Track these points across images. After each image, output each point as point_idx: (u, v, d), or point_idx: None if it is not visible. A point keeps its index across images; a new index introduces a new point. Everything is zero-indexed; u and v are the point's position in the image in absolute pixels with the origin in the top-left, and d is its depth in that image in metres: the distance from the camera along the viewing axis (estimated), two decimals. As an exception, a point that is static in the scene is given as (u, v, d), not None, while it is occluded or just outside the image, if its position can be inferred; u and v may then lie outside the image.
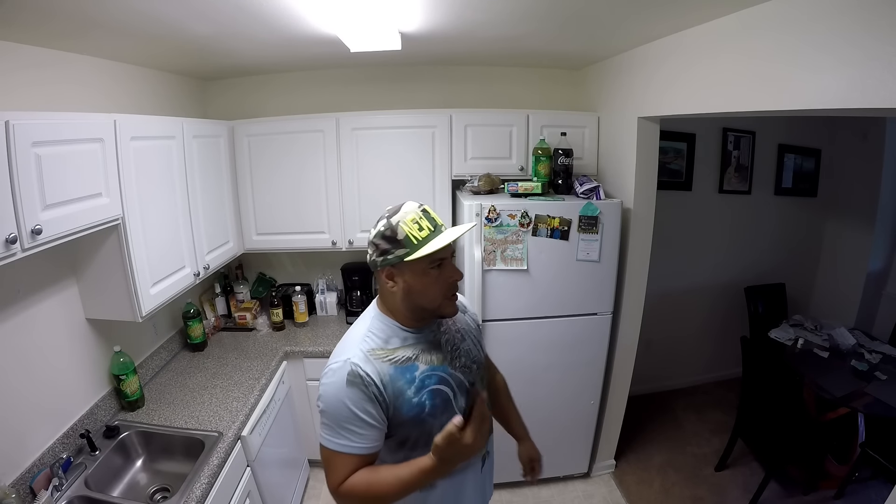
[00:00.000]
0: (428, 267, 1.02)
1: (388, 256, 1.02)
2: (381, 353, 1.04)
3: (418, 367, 1.06)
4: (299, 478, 2.40)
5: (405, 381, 1.04)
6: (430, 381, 1.06)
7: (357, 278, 2.67)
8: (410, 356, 1.06)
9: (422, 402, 1.04)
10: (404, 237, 0.99)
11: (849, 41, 1.12)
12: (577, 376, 2.33)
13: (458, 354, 1.14)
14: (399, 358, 1.05)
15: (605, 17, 1.65)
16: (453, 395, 1.10)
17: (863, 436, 2.31)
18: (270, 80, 2.64)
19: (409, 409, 1.03)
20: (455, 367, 1.12)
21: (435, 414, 1.05)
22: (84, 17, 1.35)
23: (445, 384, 1.09)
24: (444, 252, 1.01)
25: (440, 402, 1.07)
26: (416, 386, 1.04)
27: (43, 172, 1.19)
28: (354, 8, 1.47)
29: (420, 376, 1.05)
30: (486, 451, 1.24)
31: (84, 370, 1.72)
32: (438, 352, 1.11)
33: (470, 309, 1.33)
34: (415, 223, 1.00)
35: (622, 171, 2.26)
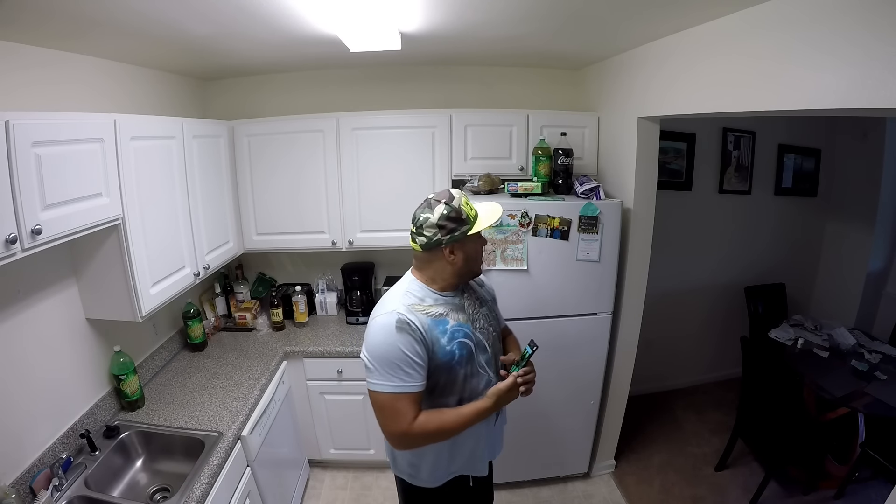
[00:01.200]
0: (479, 239, 1.30)
1: (454, 234, 1.23)
2: (419, 308, 1.24)
3: (448, 321, 1.25)
4: (299, 478, 2.40)
5: (439, 331, 1.23)
6: (458, 334, 1.25)
7: (357, 278, 2.67)
8: (442, 312, 1.26)
9: (452, 350, 1.23)
10: (467, 216, 1.24)
11: (849, 41, 1.12)
12: (577, 376, 2.33)
13: (477, 317, 1.34)
14: (433, 313, 1.25)
15: (606, 17, 1.65)
16: (475, 349, 1.29)
17: (863, 436, 2.31)
18: (270, 80, 2.64)
19: (443, 354, 1.22)
20: (476, 328, 1.31)
21: (462, 363, 1.25)
22: (84, 17, 1.35)
23: (469, 339, 1.27)
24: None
25: (466, 353, 1.26)
26: (448, 336, 1.23)
27: (43, 172, 1.19)
28: (354, 8, 1.47)
29: (451, 329, 1.25)
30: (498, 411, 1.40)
31: (84, 370, 1.72)
32: (463, 312, 1.30)
33: (487, 283, 1.55)
34: (467, 205, 1.25)
35: (622, 171, 2.26)
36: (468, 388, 1.28)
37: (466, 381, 1.28)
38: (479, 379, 1.30)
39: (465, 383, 1.28)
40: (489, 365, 1.33)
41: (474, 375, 1.29)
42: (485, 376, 1.31)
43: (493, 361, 1.35)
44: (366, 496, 2.48)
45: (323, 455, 2.59)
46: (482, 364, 1.31)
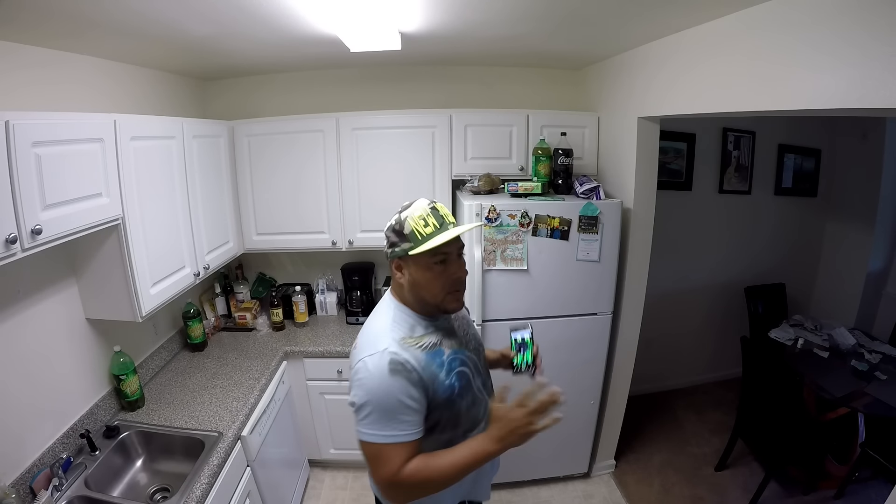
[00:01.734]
0: (431, 262, 1.07)
1: (395, 249, 1.09)
2: (410, 341, 1.08)
3: (444, 351, 1.12)
4: (299, 478, 2.40)
5: (437, 366, 1.09)
6: (455, 363, 1.13)
7: (357, 278, 2.67)
8: (435, 342, 1.12)
9: (452, 383, 1.11)
10: (410, 232, 1.06)
11: (848, 41, 1.12)
12: (577, 376, 2.33)
13: (468, 339, 1.24)
14: (427, 344, 1.10)
15: (605, 17, 1.65)
16: (472, 375, 1.18)
17: (863, 436, 2.31)
18: (270, 80, 2.64)
19: (443, 391, 1.09)
20: (469, 349, 1.21)
21: (462, 395, 1.13)
22: (83, 17, 1.35)
23: (465, 366, 1.16)
24: (448, 248, 1.06)
25: (466, 382, 1.15)
26: (447, 369, 1.10)
27: (43, 172, 1.19)
28: (354, 8, 1.47)
29: (447, 360, 1.12)
30: None
31: (84, 370, 1.72)
32: (455, 337, 1.19)
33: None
34: (421, 219, 1.06)
35: (622, 171, 2.26)
36: (470, 419, 1.17)
37: (468, 411, 1.16)
38: (478, 407, 1.18)
39: (467, 414, 1.16)
40: (486, 388, 1.24)
41: (474, 404, 1.18)
42: (483, 401, 1.21)
43: (488, 382, 1.27)
44: (366, 496, 2.48)
45: (323, 455, 2.59)
46: (480, 388, 1.21)
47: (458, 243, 1.10)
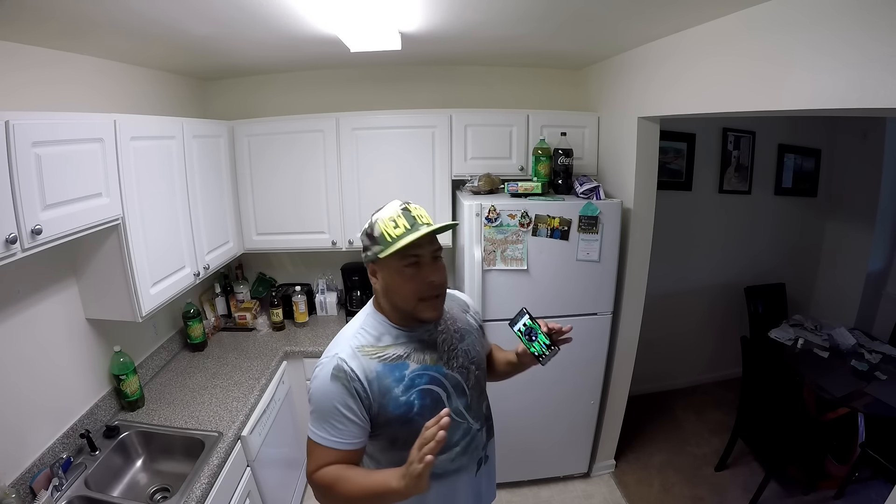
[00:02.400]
0: (402, 265, 1.01)
1: (367, 253, 1.06)
2: (370, 350, 1.04)
3: (409, 365, 1.05)
4: (299, 478, 2.40)
5: (393, 380, 1.03)
6: (421, 380, 1.05)
7: (357, 278, 2.67)
8: (402, 354, 1.06)
9: (410, 401, 1.03)
10: (379, 234, 1.01)
11: (848, 41, 1.12)
12: (577, 376, 2.33)
13: (455, 354, 1.12)
14: (389, 356, 1.05)
15: (605, 17, 1.65)
16: (447, 395, 1.09)
17: (863, 436, 2.32)
18: (270, 80, 2.64)
19: (395, 407, 1.03)
20: (452, 368, 1.11)
21: (423, 414, 1.02)
22: (83, 17, 1.35)
23: (438, 384, 1.07)
24: (418, 249, 1.00)
25: (430, 402, 1.06)
26: (406, 385, 1.04)
27: (43, 172, 1.19)
28: (354, 8, 1.48)
29: (410, 375, 1.05)
30: (485, 455, 1.23)
31: (84, 370, 1.72)
32: (433, 351, 1.09)
33: (473, 309, 1.31)
34: (391, 221, 1.01)
35: (622, 171, 2.26)
36: None
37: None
38: (452, 429, 1.01)
39: None
40: (468, 410, 1.12)
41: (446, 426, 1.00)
42: (462, 424, 1.11)
43: (475, 405, 1.15)
44: (366, 496, 2.48)
45: (323, 455, 2.59)
46: (459, 410, 1.10)
47: (431, 245, 1.03)
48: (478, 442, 1.18)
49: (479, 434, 1.18)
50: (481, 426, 1.19)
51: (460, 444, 1.13)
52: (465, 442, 1.14)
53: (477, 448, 1.18)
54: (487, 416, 1.23)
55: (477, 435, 1.17)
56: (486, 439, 1.22)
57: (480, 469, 1.21)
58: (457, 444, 1.12)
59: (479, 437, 1.18)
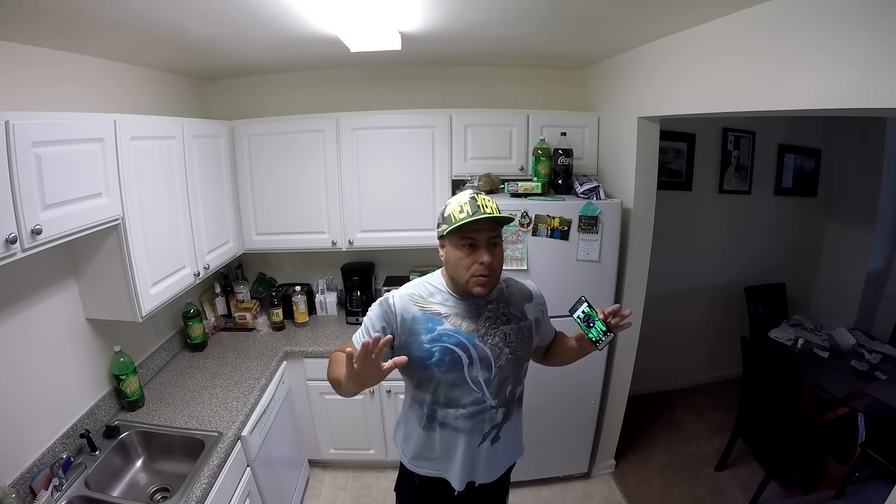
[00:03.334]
0: (461, 244, 1.18)
1: (438, 229, 1.24)
2: (418, 300, 1.26)
3: (443, 322, 1.22)
4: (299, 478, 2.40)
5: (424, 328, 1.22)
6: (449, 339, 1.21)
7: (357, 278, 2.67)
8: (442, 313, 1.24)
9: (431, 350, 1.20)
10: (447, 216, 1.19)
11: (849, 41, 1.12)
12: (577, 376, 2.32)
13: (493, 332, 1.25)
14: (432, 310, 1.24)
15: (605, 17, 1.65)
16: (469, 362, 1.22)
17: (863, 436, 2.31)
18: (270, 80, 2.64)
19: (418, 349, 1.21)
20: (485, 342, 1.23)
21: (441, 367, 1.20)
22: (83, 17, 1.35)
23: (463, 349, 1.21)
24: (474, 233, 1.16)
25: (449, 360, 1.21)
26: (433, 336, 1.21)
27: (43, 172, 1.19)
28: (354, 8, 1.48)
29: (440, 330, 1.21)
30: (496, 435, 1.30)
31: (84, 370, 1.72)
32: (473, 322, 1.23)
33: (536, 300, 1.38)
34: (458, 205, 1.18)
35: (622, 171, 2.26)
36: (446, 395, 1.24)
37: (446, 387, 1.23)
38: (464, 391, 1.23)
39: (443, 388, 1.23)
40: (488, 384, 1.23)
41: (458, 386, 1.22)
42: (475, 393, 1.23)
43: (498, 383, 1.25)
44: (366, 496, 2.48)
45: (323, 455, 2.59)
46: (477, 380, 1.22)
47: (489, 232, 1.17)
48: (488, 416, 1.27)
49: (492, 410, 1.27)
50: (499, 405, 1.27)
51: (468, 409, 1.25)
52: (474, 409, 1.25)
53: (484, 421, 1.27)
54: (511, 399, 1.31)
55: (489, 410, 1.27)
56: (502, 420, 1.30)
57: (484, 443, 1.30)
58: (464, 406, 1.25)
59: (492, 414, 1.27)
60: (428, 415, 1.28)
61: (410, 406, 1.34)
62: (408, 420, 1.37)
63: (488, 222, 1.15)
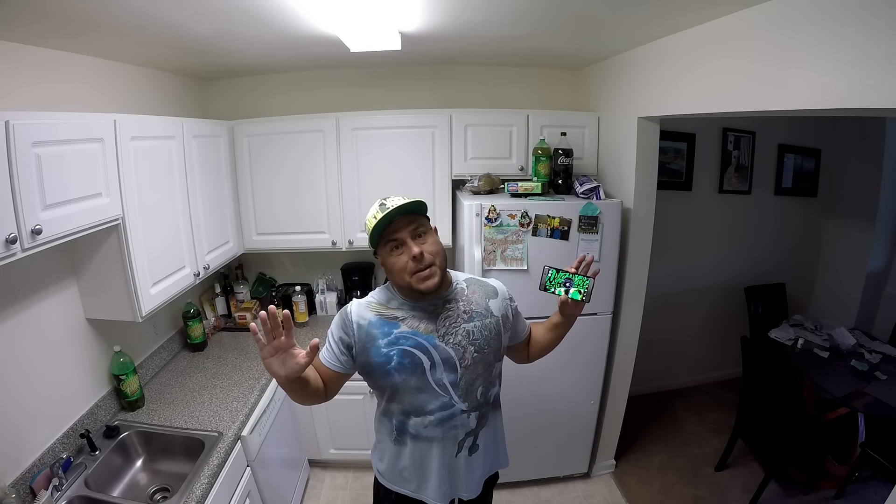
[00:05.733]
0: (387, 248, 1.15)
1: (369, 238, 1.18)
2: (375, 306, 1.21)
3: (399, 326, 1.17)
4: (299, 478, 2.40)
5: (380, 333, 1.16)
6: (406, 342, 1.16)
7: (357, 278, 2.67)
8: (398, 316, 1.19)
9: (389, 355, 1.15)
10: (365, 229, 1.17)
11: (849, 41, 1.12)
12: (577, 376, 2.33)
13: (454, 331, 1.18)
14: (387, 314, 1.19)
15: (605, 17, 1.65)
16: (431, 364, 1.16)
17: (863, 436, 2.31)
18: (270, 80, 2.64)
19: (376, 355, 1.16)
20: (446, 342, 1.17)
21: (401, 371, 1.15)
22: (84, 16, 1.35)
23: (422, 350, 1.16)
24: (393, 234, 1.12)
25: (409, 363, 1.15)
26: (390, 340, 1.16)
27: (43, 172, 1.19)
28: (354, 8, 1.48)
29: (397, 334, 1.16)
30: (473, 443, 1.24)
31: (84, 370, 1.72)
32: (430, 322, 1.18)
33: (503, 296, 1.31)
34: (373, 217, 1.13)
35: (622, 171, 2.26)
36: (412, 402, 1.18)
37: (410, 393, 1.17)
38: (428, 396, 1.16)
39: (408, 396, 1.17)
40: (455, 387, 1.17)
41: (423, 391, 1.16)
42: (441, 397, 1.16)
43: (469, 386, 1.18)
44: (366, 496, 2.48)
45: (323, 455, 2.59)
46: (442, 382, 1.16)
47: (408, 226, 1.12)
48: (459, 422, 1.20)
49: (463, 415, 1.20)
50: (470, 409, 1.21)
51: (435, 415, 1.18)
52: (443, 415, 1.19)
53: (457, 427, 1.21)
54: (483, 402, 1.23)
55: (460, 415, 1.20)
56: (477, 425, 1.23)
57: (461, 453, 1.24)
58: (431, 413, 1.18)
59: (463, 419, 1.20)
60: (397, 427, 1.22)
61: (380, 420, 1.29)
62: (380, 437, 1.32)
63: (405, 217, 1.11)
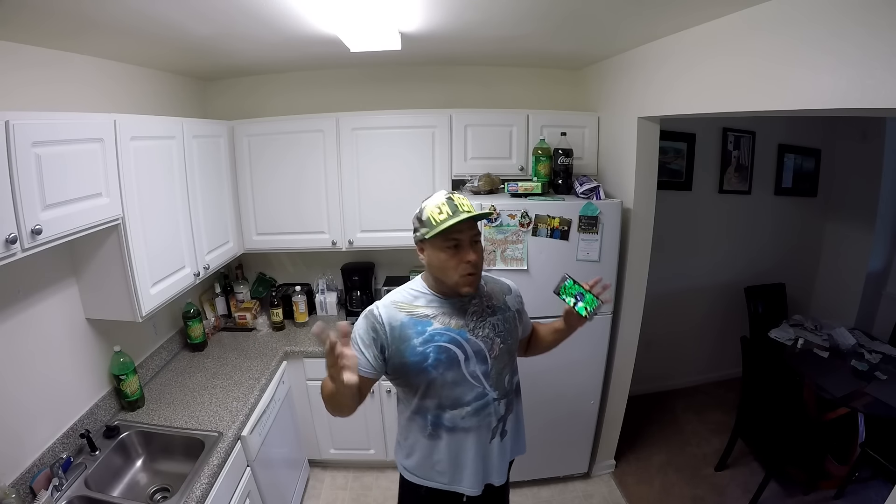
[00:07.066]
0: (444, 245, 1.18)
1: (416, 233, 1.24)
2: (403, 306, 1.24)
3: (432, 323, 1.22)
4: (299, 478, 2.40)
5: (414, 332, 1.20)
6: (441, 338, 1.21)
7: (357, 278, 2.67)
8: (429, 314, 1.23)
9: (426, 352, 1.19)
10: (426, 219, 1.19)
11: (849, 41, 1.12)
12: (577, 376, 2.33)
13: (482, 325, 1.26)
14: (419, 313, 1.23)
15: (605, 17, 1.65)
16: (465, 358, 1.22)
17: (863, 436, 2.31)
18: (270, 80, 2.64)
19: (412, 354, 1.19)
20: (476, 335, 1.24)
21: (437, 367, 1.19)
22: (83, 16, 1.35)
23: (457, 345, 1.21)
24: (458, 234, 1.17)
25: (445, 358, 1.20)
26: (424, 338, 1.20)
27: (43, 172, 1.19)
28: (354, 8, 1.48)
29: (431, 331, 1.21)
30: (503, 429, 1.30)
31: (84, 370, 1.72)
32: (461, 318, 1.24)
33: (515, 293, 1.45)
34: (437, 208, 1.18)
35: (622, 171, 2.26)
36: (449, 396, 1.22)
37: (447, 387, 1.21)
38: (465, 388, 1.22)
39: (445, 390, 1.21)
40: (487, 377, 1.24)
41: (459, 384, 1.22)
42: (476, 388, 1.23)
43: (496, 375, 1.26)
44: (366, 496, 2.48)
45: (323, 455, 2.59)
46: (476, 374, 1.23)
47: (470, 231, 1.19)
48: (492, 410, 1.27)
49: (495, 403, 1.27)
50: (500, 397, 1.28)
51: (472, 406, 1.24)
52: (478, 405, 1.25)
53: (490, 416, 1.27)
54: (510, 389, 1.32)
55: (492, 403, 1.27)
56: (505, 412, 1.30)
57: (495, 440, 1.30)
58: (468, 403, 1.24)
59: (496, 407, 1.27)
60: (433, 422, 1.25)
61: (410, 419, 1.30)
62: (408, 434, 1.33)
63: (468, 221, 1.17)
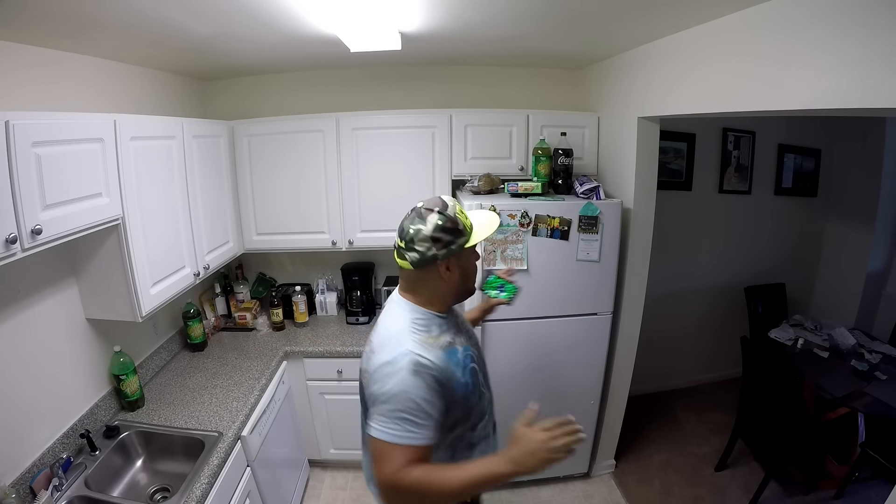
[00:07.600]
0: (474, 251, 1.15)
1: (451, 247, 1.07)
2: (430, 341, 1.07)
3: (458, 349, 1.13)
4: (299, 478, 2.40)
5: (454, 364, 1.09)
6: (468, 360, 1.15)
7: (357, 278, 2.67)
8: (451, 340, 1.12)
9: (467, 381, 1.11)
10: (463, 226, 1.08)
11: (848, 41, 1.12)
12: (577, 376, 2.32)
13: (470, 333, 1.26)
14: (444, 343, 1.10)
15: (605, 16, 1.65)
16: (479, 370, 1.20)
17: (863, 436, 2.31)
18: (270, 79, 2.64)
19: (460, 388, 1.08)
20: (474, 345, 1.24)
21: (473, 391, 1.13)
22: (84, 16, 1.35)
23: (475, 362, 1.18)
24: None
25: (473, 379, 1.14)
26: (462, 367, 1.11)
27: (43, 172, 1.19)
28: (354, 8, 1.47)
29: (462, 357, 1.12)
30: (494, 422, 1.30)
31: (84, 370, 1.72)
32: (461, 333, 1.20)
33: None
34: (461, 213, 1.10)
35: (622, 171, 2.26)
36: (478, 413, 1.17)
37: (476, 406, 1.16)
38: (484, 400, 1.20)
39: (476, 409, 1.16)
40: (486, 379, 1.26)
41: (481, 398, 1.19)
42: (486, 394, 1.23)
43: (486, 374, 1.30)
44: (366, 496, 2.48)
45: (323, 455, 2.59)
46: (482, 381, 1.23)
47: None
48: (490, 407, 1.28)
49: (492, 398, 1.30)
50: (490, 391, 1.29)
51: (488, 411, 1.24)
52: (490, 409, 1.26)
53: (492, 413, 1.28)
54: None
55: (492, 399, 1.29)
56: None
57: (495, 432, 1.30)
58: (488, 412, 1.23)
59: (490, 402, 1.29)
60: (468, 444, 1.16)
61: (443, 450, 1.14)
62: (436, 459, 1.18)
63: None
